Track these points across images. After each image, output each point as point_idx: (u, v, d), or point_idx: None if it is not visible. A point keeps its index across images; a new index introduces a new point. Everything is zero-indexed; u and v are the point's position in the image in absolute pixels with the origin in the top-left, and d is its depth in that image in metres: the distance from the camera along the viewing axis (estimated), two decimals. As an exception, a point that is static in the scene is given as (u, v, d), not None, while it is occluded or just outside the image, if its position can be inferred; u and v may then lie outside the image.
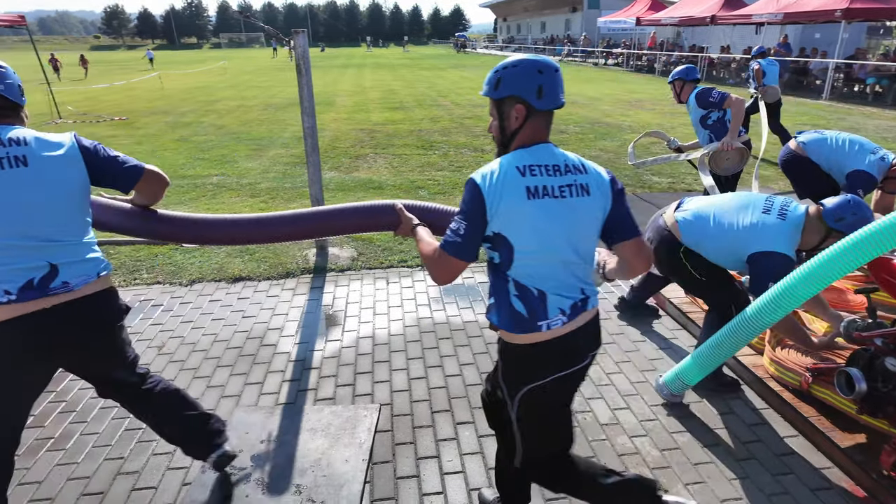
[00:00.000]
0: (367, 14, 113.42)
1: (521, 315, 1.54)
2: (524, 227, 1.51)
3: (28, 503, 2.13)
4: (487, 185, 1.50)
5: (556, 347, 1.56)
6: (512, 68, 1.58)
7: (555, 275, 1.56)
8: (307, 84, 3.98)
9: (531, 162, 1.54)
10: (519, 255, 1.52)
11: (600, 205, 1.58)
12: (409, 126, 11.06)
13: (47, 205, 1.65)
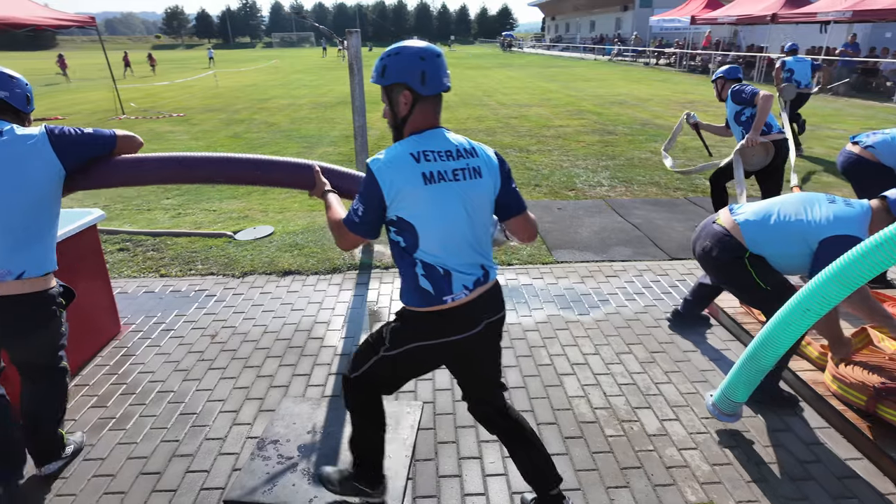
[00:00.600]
0: (414, 14, 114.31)
1: (428, 293, 1.66)
2: (425, 211, 1.62)
3: (92, 478, 2.25)
4: (383, 174, 1.60)
5: (454, 316, 1.70)
6: (395, 56, 1.65)
7: (458, 253, 1.68)
8: (359, 83, 4.05)
9: (425, 148, 1.64)
10: (423, 238, 1.64)
11: (491, 185, 1.71)
12: (453, 125, 11.08)
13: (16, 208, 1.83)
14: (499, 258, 4.42)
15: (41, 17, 10.69)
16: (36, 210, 1.90)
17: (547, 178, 6.96)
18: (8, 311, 1.90)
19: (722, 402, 2.43)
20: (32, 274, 1.90)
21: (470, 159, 1.68)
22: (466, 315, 1.71)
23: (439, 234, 1.64)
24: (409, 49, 1.65)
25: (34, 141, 1.86)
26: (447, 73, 1.67)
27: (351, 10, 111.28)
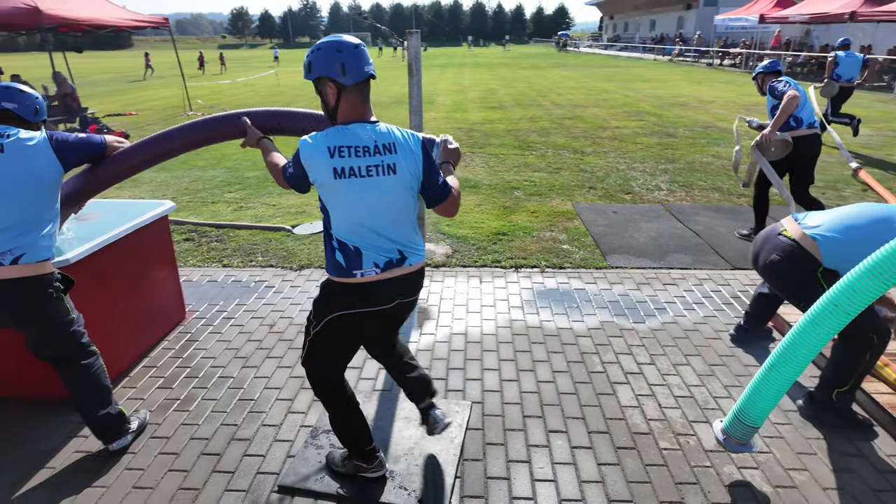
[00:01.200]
0: (469, 14, 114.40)
1: (340, 264, 1.85)
2: (335, 201, 1.82)
3: (159, 455, 2.38)
4: (306, 158, 1.81)
5: (364, 290, 1.87)
6: (316, 52, 1.81)
7: (368, 238, 1.84)
8: (417, 84, 4.09)
9: (342, 143, 1.80)
10: (335, 221, 1.84)
11: (408, 178, 1.86)
12: (506, 125, 11.03)
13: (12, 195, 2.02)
14: (550, 261, 4.37)
15: (122, 18, 11.39)
16: (35, 203, 2.08)
17: (602, 181, 6.81)
18: (6, 295, 2.05)
19: (735, 427, 2.09)
20: (29, 259, 2.05)
21: (386, 156, 1.83)
22: (378, 291, 1.88)
23: (347, 221, 1.83)
24: (327, 44, 1.82)
25: (36, 143, 2.10)
26: (368, 63, 1.83)
27: (407, 11, 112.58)
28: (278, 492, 2.17)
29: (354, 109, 1.85)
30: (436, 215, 5.29)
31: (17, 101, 2.19)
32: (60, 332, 2.24)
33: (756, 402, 2.03)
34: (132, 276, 3.03)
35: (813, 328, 1.88)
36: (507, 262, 4.39)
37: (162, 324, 3.35)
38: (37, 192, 2.08)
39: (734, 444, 2.14)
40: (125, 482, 2.23)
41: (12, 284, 2.03)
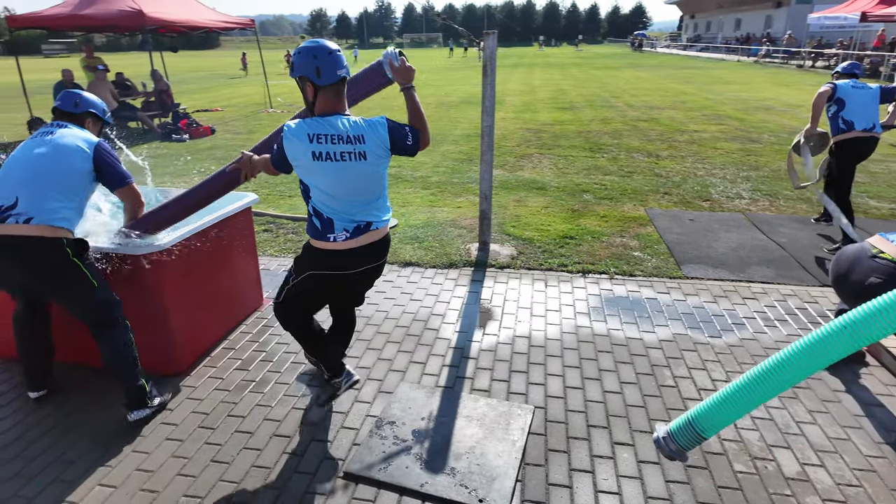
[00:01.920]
0: (542, 13, 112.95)
1: (317, 228, 2.25)
2: (313, 179, 2.20)
3: (235, 433, 2.53)
4: (288, 142, 2.15)
5: (338, 256, 2.27)
6: (297, 55, 2.16)
7: (340, 208, 2.22)
8: (491, 84, 4.09)
9: (320, 131, 2.14)
10: (313, 194, 2.23)
11: (377, 161, 2.24)
12: (577, 127, 10.81)
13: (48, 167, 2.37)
14: (619, 268, 4.25)
15: (213, 20, 12.15)
16: (65, 186, 2.40)
17: (678, 186, 6.53)
18: (19, 251, 2.30)
19: (682, 431, 1.84)
20: (40, 221, 2.30)
21: (358, 145, 2.19)
22: (350, 258, 2.29)
23: (323, 195, 2.21)
24: (306, 49, 2.15)
25: (84, 143, 2.49)
26: (342, 66, 2.16)
27: (479, 11, 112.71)
28: (343, 478, 2.25)
29: (329, 105, 2.21)
30: (501, 216, 5.25)
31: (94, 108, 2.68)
32: (78, 296, 2.43)
33: (717, 412, 1.74)
34: (218, 262, 3.23)
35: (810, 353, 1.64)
36: (574, 266, 4.31)
37: (242, 308, 3.55)
38: (69, 179, 2.42)
39: (671, 447, 1.85)
40: (205, 456, 2.39)
41: (23, 241, 2.29)
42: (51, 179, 2.37)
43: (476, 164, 7.95)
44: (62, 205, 2.37)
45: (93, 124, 2.68)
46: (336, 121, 2.17)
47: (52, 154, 2.40)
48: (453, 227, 5.22)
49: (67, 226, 2.38)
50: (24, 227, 2.28)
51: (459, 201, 6.13)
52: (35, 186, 2.34)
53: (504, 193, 6.37)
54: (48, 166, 2.38)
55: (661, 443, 1.86)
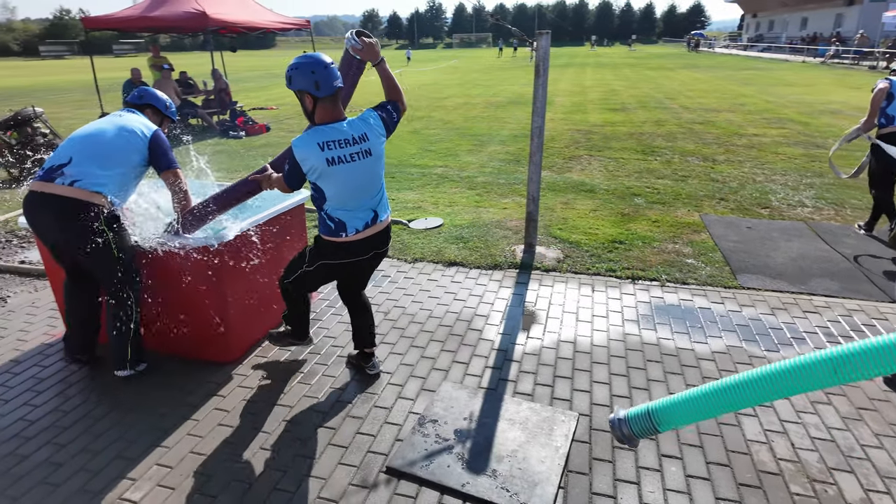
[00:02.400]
0: (595, 13, 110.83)
1: (330, 228, 2.49)
2: (330, 183, 2.39)
3: (282, 422, 2.61)
4: (300, 154, 2.34)
5: (349, 247, 2.53)
6: (294, 69, 2.31)
7: (351, 208, 2.47)
8: (543, 84, 4.05)
9: (328, 139, 2.34)
10: (328, 197, 2.43)
11: (380, 153, 2.51)
12: (628, 129, 10.55)
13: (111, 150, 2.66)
14: (671, 275, 4.12)
15: (271, 21, 12.55)
16: (114, 159, 2.65)
17: (735, 193, 6.27)
18: (58, 208, 2.53)
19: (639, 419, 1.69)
20: (83, 186, 2.55)
21: (362, 144, 2.41)
22: (359, 247, 2.55)
23: (340, 197, 2.43)
24: (304, 65, 2.30)
25: (144, 127, 2.79)
26: (337, 77, 2.34)
27: (531, 10, 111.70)
28: (386, 472, 2.28)
29: (328, 113, 2.38)
30: (548, 219, 5.19)
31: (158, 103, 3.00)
32: (100, 260, 2.62)
33: (678, 410, 1.63)
34: (272, 256, 3.33)
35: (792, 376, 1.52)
36: (622, 272, 4.21)
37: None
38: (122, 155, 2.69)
39: (624, 431, 1.67)
40: (255, 442, 2.47)
41: (62, 200, 2.53)
42: (102, 150, 2.64)
43: (523, 164, 7.88)
44: (105, 174, 2.61)
45: (153, 115, 2.95)
46: (339, 126, 2.37)
47: (111, 130, 2.70)
48: (498, 228, 5.20)
49: (105, 193, 2.61)
50: (67, 189, 2.54)
51: (505, 202, 6.09)
52: (87, 154, 2.62)
53: (551, 195, 6.29)
54: (104, 139, 2.67)
55: (615, 424, 1.80)
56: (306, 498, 2.16)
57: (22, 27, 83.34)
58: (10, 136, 7.35)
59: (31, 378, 3.00)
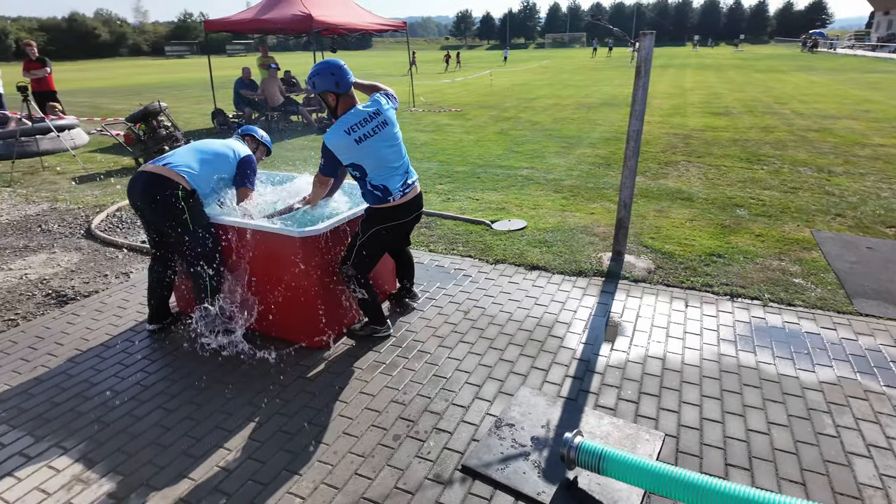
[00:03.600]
0: (699, 11, 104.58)
1: (378, 197, 2.95)
2: (365, 157, 2.87)
3: (364, 410, 2.70)
4: (332, 144, 2.84)
5: (397, 210, 2.99)
6: (316, 75, 2.84)
7: (390, 175, 2.95)
8: (643, 86, 3.88)
9: (352, 123, 2.82)
10: (369, 171, 2.90)
11: (393, 125, 2.98)
12: (732, 134, 9.86)
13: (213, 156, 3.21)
14: (776, 295, 3.80)
15: (371, 22, 13.02)
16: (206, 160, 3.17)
17: (854, 208, 5.66)
18: (147, 182, 2.99)
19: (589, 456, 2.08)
20: (172, 167, 3.02)
21: (378, 117, 2.89)
22: (405, 209, 3.04)
23: (376, 166, 2.90)
24: (324, 70, 2.83)
25: (241, 150, 3.33)
26: (349, 74, 2.90)
27: (629, 9, 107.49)
28: (461, 471, 2.30)
29: (347, 104, 2.91)
30: (639, 226, 5.00)
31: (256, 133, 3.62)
32: (176, 230, 3.01)
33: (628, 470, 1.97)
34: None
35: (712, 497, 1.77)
36: (720, 287, 3.94)
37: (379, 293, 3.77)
38: (217, 165, 3.20)
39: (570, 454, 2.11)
40: (338, 426, 2.58)
41: (152, 176, 2.99)
42: (203, 153, 3.19)
43: (614, 168, 7.61)
44: (196, 167, 3.10)
45: (251, 142, 3.58)
46: (356, 110, 2.87)
47: (219, 143, 3.32)
48: (585, 234, 5.06)
49: (188, 178, 3.03)
50: (159, 168, 3.02)
51: (593, 207, 5.92)
52: (190, 151, 3.17)
53: (644, 202, 6.02)
54: (209, 146, 3.26)
55: (567, 443, 2.14)
56: (385, 486, 2.23)
57: (152, 29, 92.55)
58: (139, 128, 8.19)
59: (146, 347, 3.33)
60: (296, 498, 2.18)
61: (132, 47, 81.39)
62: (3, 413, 2.73)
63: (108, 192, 6.96)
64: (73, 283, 4.26)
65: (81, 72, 40.74)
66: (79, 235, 5.38)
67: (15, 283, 4.28)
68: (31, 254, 4.92)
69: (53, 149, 9.43)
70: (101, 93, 22.20)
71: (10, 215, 6.05)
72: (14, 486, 2.26)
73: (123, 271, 4.50)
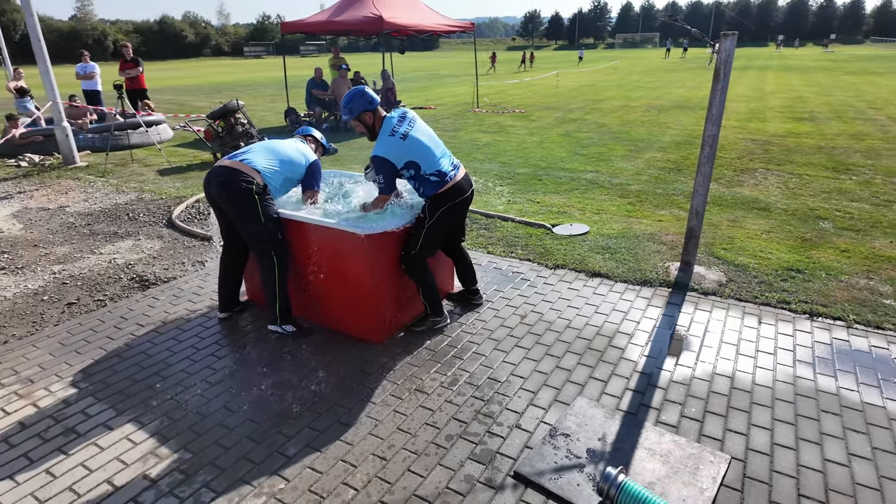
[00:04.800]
0: (785, 9, 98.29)
1: (437, 182, 3.18)
2: (414, 152, 3.13)
3: (419, 407, 2.73)
4: (387, 153, 3.10)
5: (456, 188, 3.23)
6: (351, 101, 3.21)
7: (438, 161, 3.21)
8: (722, 90, 3.69)
9: (391, 127, 3.15)
10: (422, 164, 3.15)
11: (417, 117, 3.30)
12: (817, 141, 9.21)
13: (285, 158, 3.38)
14: (862, 316, 3.51)
15: (439, 23, 13.15)
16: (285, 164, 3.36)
17: (959, 227, 5.14)
18: (223, 175, 3.17)
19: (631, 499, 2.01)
20: (247, 163, 3.22)
21: (408, 115, 3.24)
22: (462, 187, 3.26)
23: (426, 158, 3.16)
24: (356, 95, 3.20)
25: (311, 155, 3.54)
26: (373, 92, 3.26)
27: (707, 8, 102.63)
28: (513, 477, 2.27)
29: (380, 118, 3.24)
30: (711, 236, 4.78)
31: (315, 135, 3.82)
32: (247, 221, 3.17)
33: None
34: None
35: None
36: (798, 305, 3.69)
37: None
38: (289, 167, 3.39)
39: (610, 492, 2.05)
40: (392, 422, 2.63)
41: (228, 170, 3.19)
42: (277, 153, 3.36)
43: (685, 174, 7.29)
44: (270, 166, 3.29)
45: (312, 142, 3.76)
46: (387, 118, 3.20)
47: (290, 144, 3.51)
48: (651, 242, 4.87)
49: (263, 174, 3.23)
50: (235, 163, 3.23)
51: (661, 214, 5.69)
52: (264, 150, 3.37)
53: (717, 211, 5.73)
54: (282, 147, 3.44)
55: (609, 478, 2.04)
56: (436, 485, 2.24)
57: (233, 31, 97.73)
58: (218, 125, 8.67)
59: (217, 332, 3.52)
60: (350, 489, 2.23)
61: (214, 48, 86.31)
62: (91, 386, 2.97)
63: (189, 184, 7.42)
64: (154, 269, 4.57)
65: (169, 71, 43.66)
66: (161, 224, 5.76)
67: (104, 267, 4.64)
68: (119, 240, 5.32)
69: (142, 142, 10.16)
70: (186, 91, 23.70)
71: (102, 203, 6.57)
72: (97, 455, 2.45)
73: (199, 260, 4.77)
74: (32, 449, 2.49)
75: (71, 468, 2.37)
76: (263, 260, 3.27)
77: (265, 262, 3.27)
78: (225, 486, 2.25)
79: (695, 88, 18.81)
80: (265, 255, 3.25)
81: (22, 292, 4.18)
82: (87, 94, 11.87)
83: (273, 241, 3.23)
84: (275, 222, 3.22)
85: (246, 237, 3.30)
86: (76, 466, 2.38)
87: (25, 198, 6.90)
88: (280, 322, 3.37)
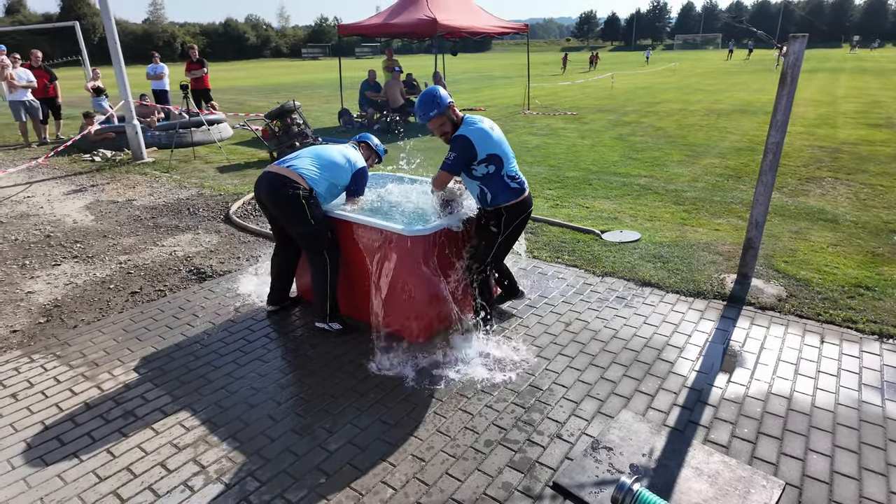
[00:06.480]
0: (861, 8, 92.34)
1: (517, 189, 3.14)
2: (500, 148, 3.10)
3: (458, 410, 2.73)
4: (476, 139, 3.02)
5: (525, 202, 3.19)
6: (425, 105, 3.09)
7: (514, 164, 3.19)
8: (788, 95, 3.50)
9: (475, 122, 3.11)
10: (505, 160, 3.10)
11: None
12: (893, 149, 8.60)
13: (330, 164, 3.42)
14: (941, 340, 3.25)
15: (493, 25, 13.13)
16: (331, 170, 3.40)
17: None
18: (274, 182, 3.26)
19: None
20: (295, 169, 3.29)
21: (484, 118, 3.16)
22: (531, 198, 3.23)
23: (509, 155, 3.14)
24: (427, 99, 3.08)
25: (357, 161, 3.53)
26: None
27: (774, 8, 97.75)
28: (552, 488, 2.23)
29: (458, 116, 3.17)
30: (771, 248, 4.56)
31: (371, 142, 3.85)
32: (297, 225, 3.26)
33: None
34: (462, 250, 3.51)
35: None
36: (866, 324, 3.45)
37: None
38: (336, 172, 3.43)
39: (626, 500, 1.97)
40: (432, 423, 2.64)
41: (276, 176, 3.28)
42: (324, 160, 3.41)
43: (744, 182, 6.97)
44: (317, 172, 3.35)
45: (365, 149, 3.78)
46: (469, 116, 3.17)
47: (337, 151, 3.51)
48: (706, 252, 4.68)
49: (309, 180, 3.29)
50: (283, 169, 3.31)
51: (718, 223, 5.46)
52: (312, 156, 3.42)
53: (778, 221, 5.45)
54: (329, 153, 3.47)
55: (623, 488, 1.97)
56: (474, 490, 2.24)
57: (292, 33, 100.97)
58: (275, 125, 8.97)
59: (267, 326, 3.64)
60: (388, 488, 2.26)
61: (274, 49, 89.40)
62: (150, 372, 3.14)
63: (246, 181, 7.71)
64: (211, 262, 4.78)
65: (231, 71, 45.57)
66: (219, 219, 6.02)
67: (165, 259, 4.90)
68: (180, 233, 5.59)
69: (204, 140, 10.66)
70: (246, 91, 24.66)
71: (166, 198, 6.93)
72: (152, 438, 2.59)
73: (253, 255, 4.96)
74: (95, 429, 2.66)
75: (129, 449, 2.51)
76: (315, 259, 3.36)
77: (317, 262, 3.35)
78: (269, 476, 2.33)
79: (758, 92, 17.94)
80: (317, 255, 3.34)
81: (91, 280, 4.47)
82: (155, 94, 12.57)
83: (323, 241, 3.31)
84: (324, 223, 3.31)
85: (296, 238, 3.40)
86: (133, 448, 2.52)
87: (97, 191, 7.36)
88: (328, 319, 3.45)
